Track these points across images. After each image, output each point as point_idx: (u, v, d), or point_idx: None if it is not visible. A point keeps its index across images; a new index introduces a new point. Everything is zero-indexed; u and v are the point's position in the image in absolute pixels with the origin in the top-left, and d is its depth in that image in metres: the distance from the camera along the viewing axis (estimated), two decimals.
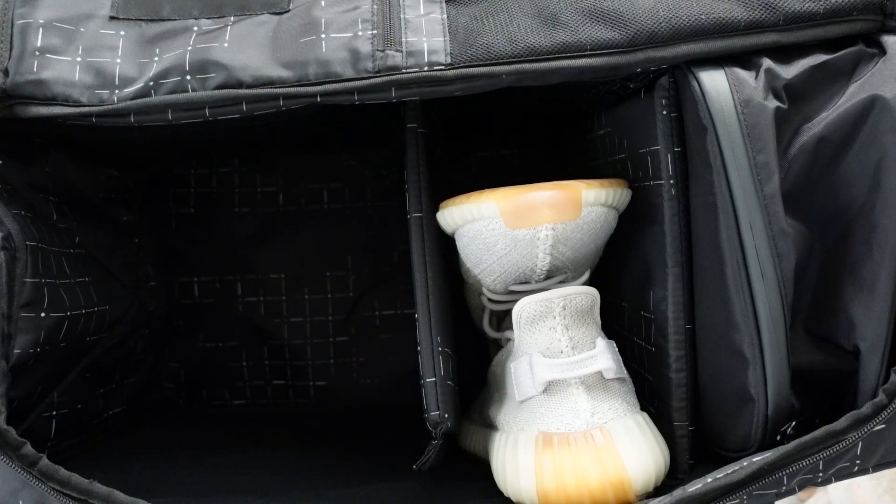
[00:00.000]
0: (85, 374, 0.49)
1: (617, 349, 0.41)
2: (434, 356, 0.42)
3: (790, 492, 0.37)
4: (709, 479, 0.35)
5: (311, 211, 0.62)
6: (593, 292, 0.41)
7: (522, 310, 0.40)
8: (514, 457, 0.40)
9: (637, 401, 0.41)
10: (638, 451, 0.38)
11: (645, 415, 0.41)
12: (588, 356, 0.39)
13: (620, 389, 0.40)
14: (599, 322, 0.42)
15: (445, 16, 0.39)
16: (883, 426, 0.36)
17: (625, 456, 0.37)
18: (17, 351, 0.39)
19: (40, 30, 0.39)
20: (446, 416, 0.41)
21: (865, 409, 0.36)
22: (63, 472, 0.35)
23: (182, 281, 0.61)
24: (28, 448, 0.35)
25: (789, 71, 0.38)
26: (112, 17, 0.40)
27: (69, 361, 0.46)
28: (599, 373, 0.39)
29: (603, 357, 0.39)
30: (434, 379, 0.41)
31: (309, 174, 0.62)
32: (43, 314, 0.40)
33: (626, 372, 0.41)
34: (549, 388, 0.39)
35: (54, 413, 0.45)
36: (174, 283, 0.61)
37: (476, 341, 0.51)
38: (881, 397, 0.36)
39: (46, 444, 0.44)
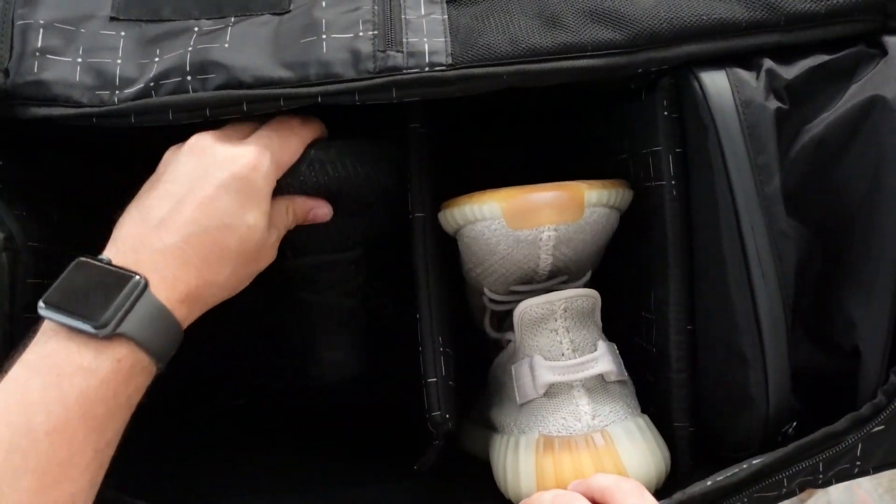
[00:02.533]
0: None
1: (618, 351, 0.41)
2: (436, 356, 0.42)
3: (790, 494, 0.37)
4: (708, 482, 0.36)
5: None
6: (594, 294, 0.41)
7: (524, 312, 0.40)
8: (514, 459, 0.40)
9: (638, 403, 0.41)
10: (638, 454, 0.38)
11: (646, 417, 0.41)
12: (589, 359, 0.39)
13: (621, 392, 0.40)
14: (600, 324, 0.42)
15: (446, 16, 0.39)
16: (882, 427, 0.36)
17: (625, 459, 0.37)
18: None
19: (41, 30, 0.39)
20: (447, 416, 0.41)
21: (864, 410, 0.36)
22: None
23: None
24: None
25: (790, 71, 0.38)
26: (112, 18, 0.40)
27: None
28: (601, 375, 0.39)
29: (604, 360, 0.39)
30: (435, 379, 0.42)
31: None
32: None
33: (626, 374, 0.41)
34: (550, 390, 0.39)
35: None
36: None
37: (477, 341, 0.51)
38: (880, 398, 0.36)
39: None
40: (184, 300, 0.36)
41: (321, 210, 0.43)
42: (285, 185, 0.40)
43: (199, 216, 0.36)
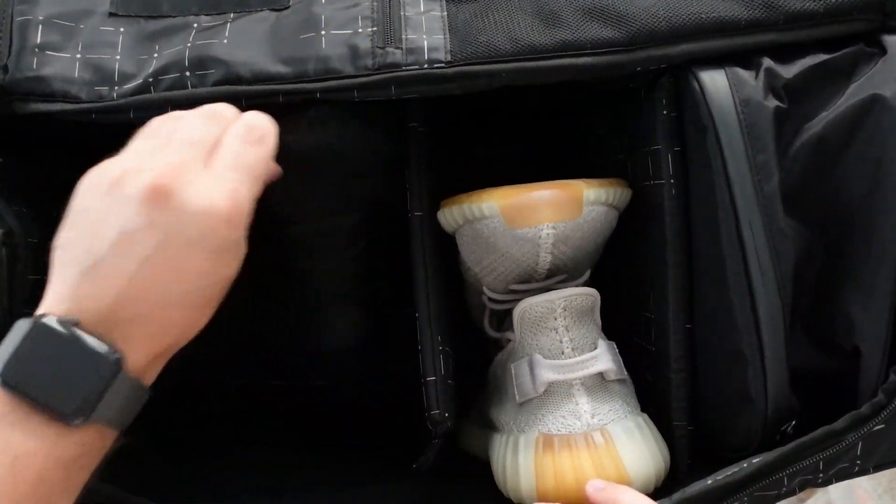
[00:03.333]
0: None
1: (617, 350, 0.41)
2: (434, 355, 0.42)
3: (791, 493, 0.37)
4: (708, 481, 0.35)
5: None
6: (594, 293, 0.41)
7: (523, 311, 0.40)
8: (514, 458, 0.39)
9: (637, 402, 0.41)
10: (638, 452, 0.38)
11: (645, 416, 0.40)
12: (589, 357, 0.39)
13: (621, 391, 0.40)
14: (600, 323, 0.42)
15: (445, 13, 0.39)
16: (882, 426, 0.36)
17: (625, 458, 0.37)
18: None
19: (40, 26, 0.39)
20: (446, 415, 0.41)
21: (865, 409, 0.36)
22: None
23: None
24: None
25: (789, 70, 0.38)
26: (111, 14, 0.40)
27: None
28: (600, 374, 0.39)
29: (604, 358, 0.39)
30: (434, 378, 0.41)
31: None
32: None
33: (626, 373, 0.41)
34: (550, 389, 0.39)
35: None
36: None
37: (476, 341, 0.51)
38: (880, 397, 0.36)
39: None
40: (152, 362, 0.32)
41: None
42: (285, 146, 0.39)
43: (173, 280, 0.31)
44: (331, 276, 0.53)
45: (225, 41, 0.38)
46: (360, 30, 0.38)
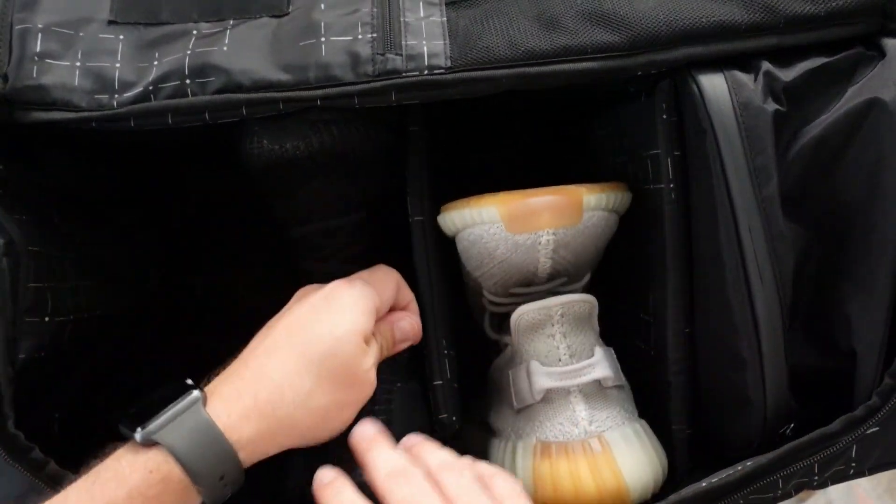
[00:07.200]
0: (88, 377, 0.49)
1: (615, 356, 0.41)
2: (440, 359, 0.42)
3: (787, 495, 0.37)
4: (703, 484, 0.36)
5: None
6: (591, 300, 0.41)
7: (520, 317, 0.40)
8: (512, 465, 0.40)
9: (635, 408, 0.41)
10: (635, 460, 0.38)
11: (643, 422, 0.41)
12: (586, 364, 0.39)
13: (618, 397, 0.40)
14: (598, 329, 0.42)
15: (445, 19, 0.39)
16: (877, 429, 0.36)
17: (622, 465, 0.37)
18: (21, 356, 0.38)
19: (39, 35, 0.38)
20: (454, 418, 0.42)
21: (859, 411, 0.36)
22: (70, 476, 0.35)
23: (183, 281, 0.61)
24: (36, 452, 0.35)
25: (788, 73, 0.38)
26: (111, 22, 0.39)
27: (72, 364, 0.46)
28: (598, 381, 0.39)
29: (601, 365, 0.39)
30: (441, 382, 0.42)
31: None
32: (47, 318, 0.40)
33: (624, 379, 0.41)
34: (548, 396, 0.39)
35: (57, 416, 0.45)
36: (175, 283, 0.61)
37: (477, 341, 0.51)
38: (874, 400, 0.36)
39: (50, 448, 0.44)
40: (254, 440, 0.35)
41: (404, 322, 0.42)
42: (292, 149, 0.40)
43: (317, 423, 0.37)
44: (332, 276, 0.53)
45: (225, 48, 0.38)
46: (360, 36, 0.38)
